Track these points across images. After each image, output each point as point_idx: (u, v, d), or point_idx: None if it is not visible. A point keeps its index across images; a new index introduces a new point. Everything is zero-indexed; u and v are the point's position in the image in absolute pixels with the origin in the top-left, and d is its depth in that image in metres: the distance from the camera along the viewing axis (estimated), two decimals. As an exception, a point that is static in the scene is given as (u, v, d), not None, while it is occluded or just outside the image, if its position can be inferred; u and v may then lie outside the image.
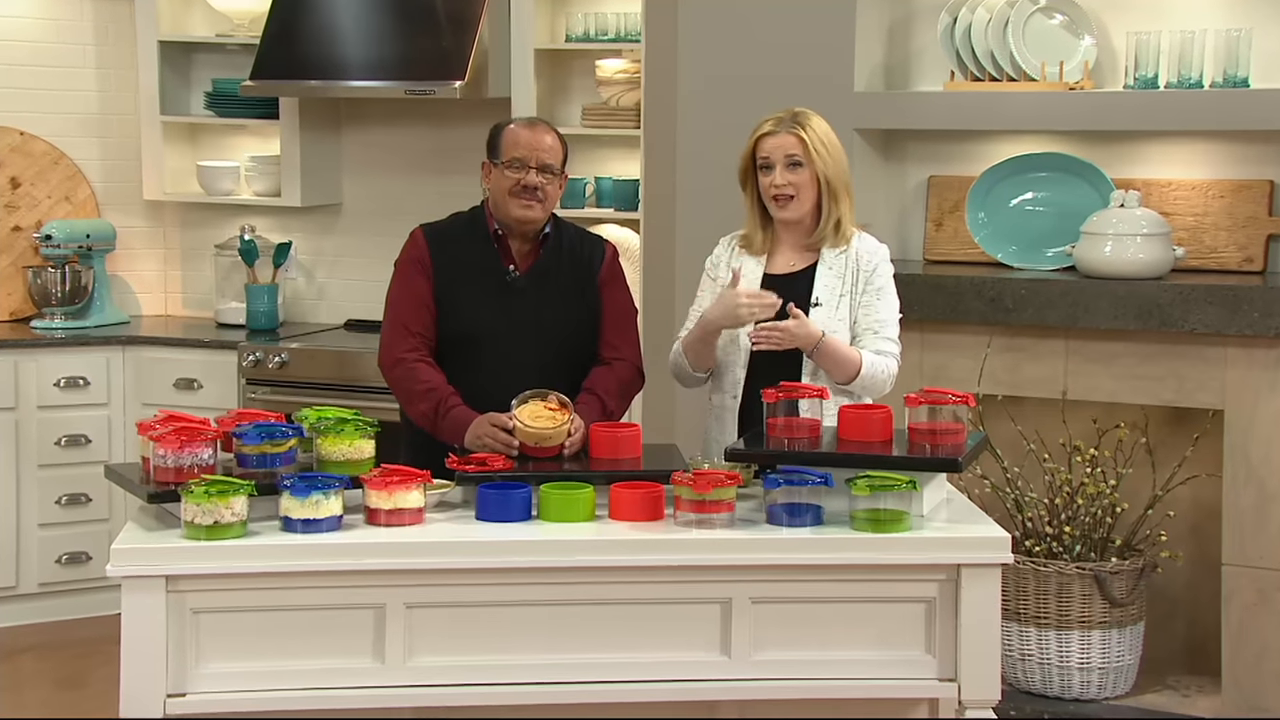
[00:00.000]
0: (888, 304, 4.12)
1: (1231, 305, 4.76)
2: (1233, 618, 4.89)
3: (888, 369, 4.08)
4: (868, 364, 4.04)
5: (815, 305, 4.07)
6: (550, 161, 4.15)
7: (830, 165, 4.06)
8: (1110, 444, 5.01)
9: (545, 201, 4.15)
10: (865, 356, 4.04)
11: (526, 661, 3.53)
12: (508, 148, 4.14)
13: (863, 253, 4.12)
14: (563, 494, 3.66)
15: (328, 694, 3.48)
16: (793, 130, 4.05)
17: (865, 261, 4.11)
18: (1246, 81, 4.92)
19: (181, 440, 3.59)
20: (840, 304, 4.08)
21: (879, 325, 4.10)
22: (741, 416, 4.09)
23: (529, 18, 5.93)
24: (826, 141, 4.08)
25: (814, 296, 4.08)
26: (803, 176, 4.06)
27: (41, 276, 6.34)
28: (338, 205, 6.59)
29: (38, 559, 6.06)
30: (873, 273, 4.10)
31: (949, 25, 5.25)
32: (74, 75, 6.55)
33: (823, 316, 4.05)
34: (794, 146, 4.05)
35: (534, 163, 4.12)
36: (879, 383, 4.07)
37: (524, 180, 4.11)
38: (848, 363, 4.02)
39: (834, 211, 4.09)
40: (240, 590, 3.45)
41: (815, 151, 4.04)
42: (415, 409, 4.13)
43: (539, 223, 4.18)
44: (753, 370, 4.08)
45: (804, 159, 4.05)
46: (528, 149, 4.12)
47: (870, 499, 3.58)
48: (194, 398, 6.06)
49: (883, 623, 3.59)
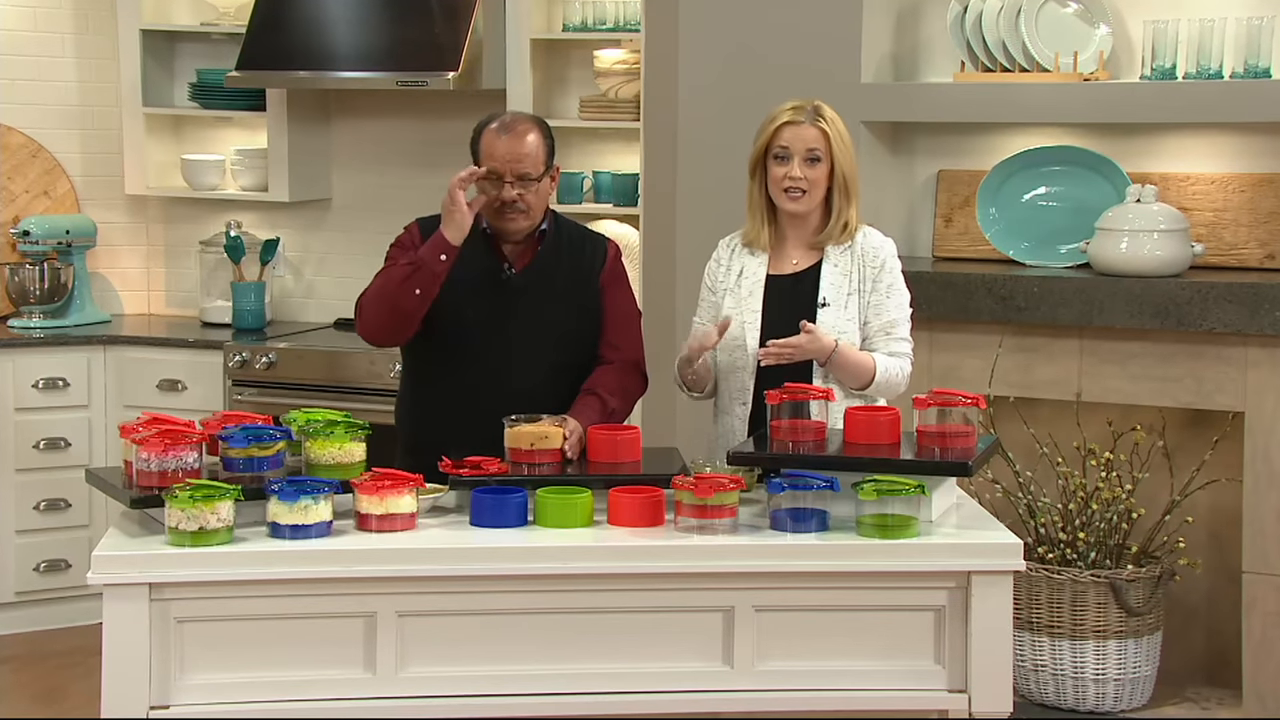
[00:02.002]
0: (897, 302, 4.08)
1: (1252, 304, 4.78)
2: (1254, 627, 4.90)
3: (902, 370, 4.06)
4: (882, 369, 4.01)
5: (823, 306, 4.03)
6: (527, 170, 4.06)
7: (847, 163, 4.04)
8: (1126, 447, 5.03)
9: (529, 210, 4.09)
10: (879, 361, 4.02)
11: (522, 672, 3.50)
12: (483, 158, 4.09)
13: (868, 248, 4.08)
14: (560, 499, 3.64)
15: (317, 705, 3.45)
16: (816, 123, 4.01)
17: (872, 258, 4.07)
18: (1268, 72, 4.97)
19: (165, 443, 3.57)
20: (849, 303, 4.04)
21: (890, 326, 4.06)
22: (752, 422, 4.05)
23: (525, 6, 5.94)
24: (845, 136, 4.05)
25: (821, 297, 4.04)
26: (819, 172, 4.02)
27: (19, 274, 6.31)
28: (327, 200, 6.59)
29: (15, 567, 6.02)
30: (880, 269, 4.07)
31: (959, 14, 5.29)
32: (53, 65, 6.53)
33: (831, 317, 4.02)
34: (816, 140, 4.00)
35: (509, 175, 4.04)
36: (894, 386, 4.05)
37: (501, 195, 4.06)
38: (862, 370, 4.00)
39: (845, 210, 4.06)
40: (226, 598, 3.43)
41: (837, 148, 4.01)
42: (402, 286, 4.00)
43: (526, 230, 4.14)
44: (760, 377, 4.03)
45: (824, 154, 4.01)
46: (502, 160, 4.04)
47: (877, 504, 3.54)
48: (178, 399, 6.03)
49: (890, 632, 3.55)
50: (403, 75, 5.85)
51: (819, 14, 5.25)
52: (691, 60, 5.41)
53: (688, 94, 5.42)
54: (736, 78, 5.27)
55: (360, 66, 5.97)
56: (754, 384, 4.03)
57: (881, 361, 4.00)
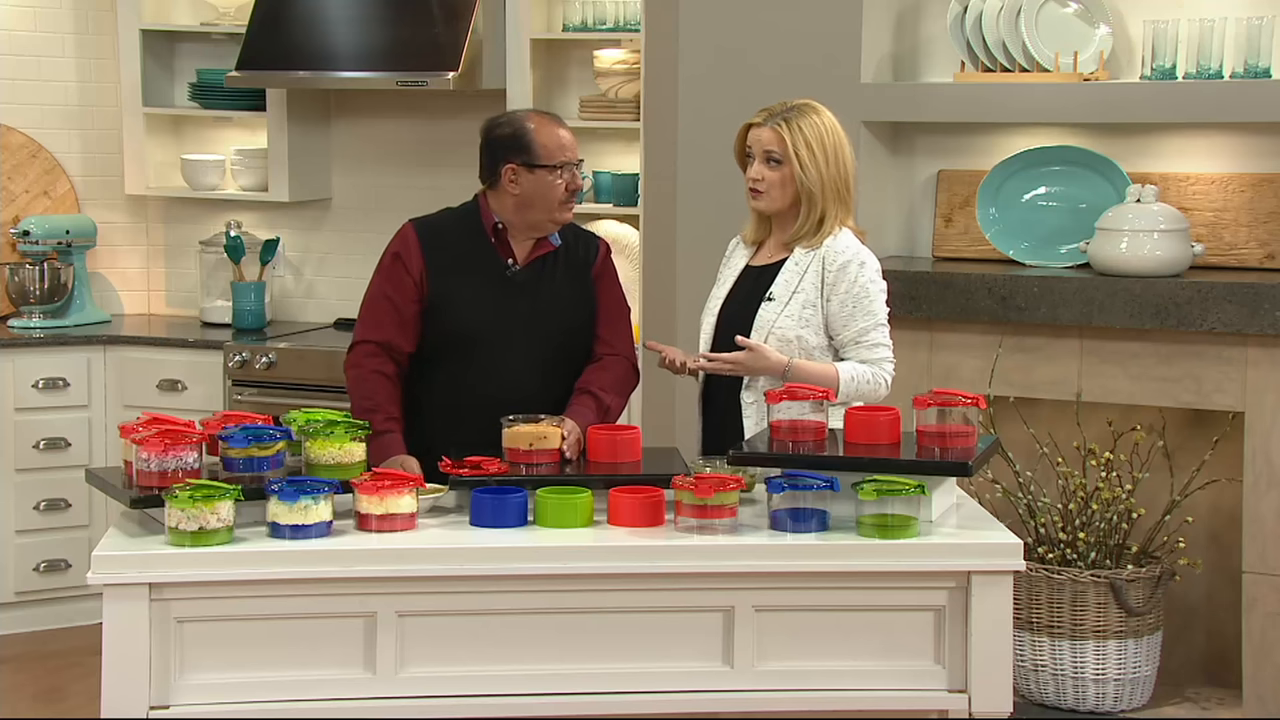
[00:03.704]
0: (864, 311, 4.01)
1: (1252, 304, 4.76)
2: (1254, 627, 4.88)
3: (874, 377, 3.99)
4: (847, 378, 3.96)
5: (768, 300, 4.03)
6: (580, 156, 4.17)
7: (811, 170, 3.99)
8: (1126, 447, 5.00)
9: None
10: (843, 372, 3.96)
11: (522, 672, 3.49)
12: (549, 151, 4.08)
13: (830, 252, 4.02)
14: (560, 499, 3.63)
15: (317, 706, 3.44)
16: (776, 127, 4.01)
17: (831, 262, 4.01)
18: (1268, 72, 4.94)
19: (165, 443, 3.56)
20: (793, 300, 4.01)
21: (861, 335, 4.01)
22: (703, 405, 4.16)
23: (525, 6, 5.93)
24: (814, 143, 3.99)
25: (769, 291, 4.04)
26: (780, 173, 4.02)
27: (19, 274, 6.30)
28: (327, 200, 6.58)
29: (15, 567, 6.01)
30: (839, 274, 3.99)
31: (959, 14, 5.26)
32: (53, 65, 6.51)
33: (770, 313, 4.01)
34: (773, 143, 4.01)
35: (575, 161, 4.13)
36: (865, 394, 3.99)
37: (572, 184, 4.10)
38: (825, 381, 3.92)
39: (812, 214, 4.03)
40: (226, 599, 3.42)
41: (795, 153, 3.98)
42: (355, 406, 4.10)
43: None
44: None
45: (782, 157, 4.00)
46: (571, 149, 4.12)
47: (877, 504, 3.54)
48: (178, 399, 6.02)
49: (890, 632, 3.55)
50: (403, 75, 5.84)
51: (819, 14, 5.23)
52: (691, 60, 5.39)
53: (688, 94, 5.40)
54: (736, 78, 5.25)
55: (360, 66, 5.97)
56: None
57: (847, 370, 3.95)
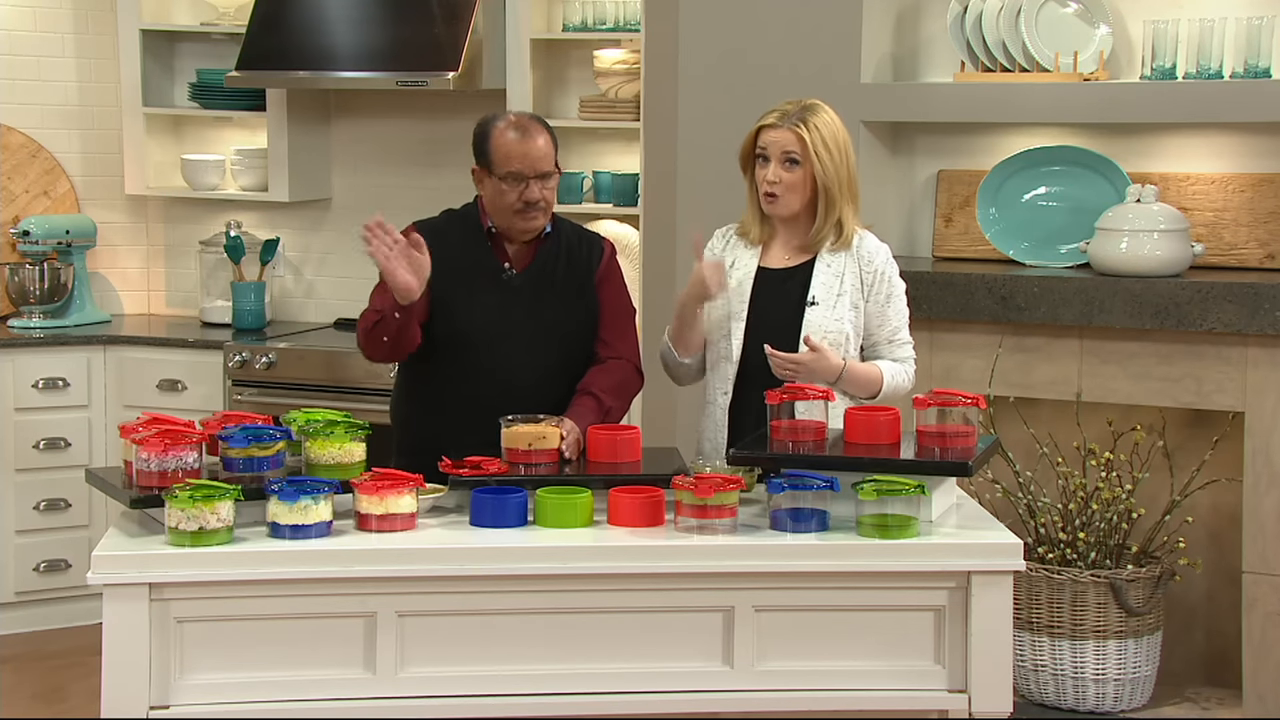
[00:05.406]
0: (898, 309, 4.09)
1: (1252, 304, 4.75)
2: (1254, 627, 4.87)
3: (907, 375, 4.09)
4: (889, 377, 4.03)
5: (811, 304, 4.02)
6: (546, 169, 4.05)
7: (830, 168, 3.98)
8: (1126, 447, 4.99)
9: (548, 208, 4.10)
10: (885, 370, 4.03)
11: (522, 672, 3.49)
12: (501, 160, 4.03)
13: (865, 253, 4.06)
14: (560, 499, 3.62)
15: (317, 705, 3.44)
16: (794, 127, 3.98)
17: (868, 263, 4.05)
18: (1268, 72, 4.93)
19: (165, 443, 3.55)
20: (838, 304, 4.02)
21: (894, 333, 4.08)
22: (732, 413, 4.04)
23: (525, 6, 5.93)
24: (830, 141, 3.99)
25: (810, 295, 4.03)
26: (797, 175, 3.99)
27: (19, 274, 6.30)
28: (327, 200, 6.58)
29: (15, 567, 6.01)
30: (877, 276, 4.05)
31: (959, 14, 5.26)
32: (53, 65, 6.52)
33: (818, 316, 4.00)
34: (792, 144, 3.97)
35: (531, 174, 4.02)
36: (901, 392, 4.07)
37: (525, 196, 4.03)
38: (871, 382, 4.02)
39: (831, 214, 4.03)
40: (226, 599, 3.42)
41: (815, 153, 3.97)
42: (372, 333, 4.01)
43: (543, 228, 4.12)
44: (744, 366, 4.02)
45: (801, 158, 3.98)
46: (523, 161, 4.01)
47: (877, 504, 3.53)
48: (178, 399, 6.02)
49: (890, 632, 3.54)
50: (403, 75, 5.84)
51: (819, 14, 5.23)
52: (691, 60, 5.39)
53: (688, 94, 5.40)
54: (736, 78, 5.24)
55: (360, 66, 5.97)
56: (735, 373, 4.01)
57: (888, 370, 4.02)
